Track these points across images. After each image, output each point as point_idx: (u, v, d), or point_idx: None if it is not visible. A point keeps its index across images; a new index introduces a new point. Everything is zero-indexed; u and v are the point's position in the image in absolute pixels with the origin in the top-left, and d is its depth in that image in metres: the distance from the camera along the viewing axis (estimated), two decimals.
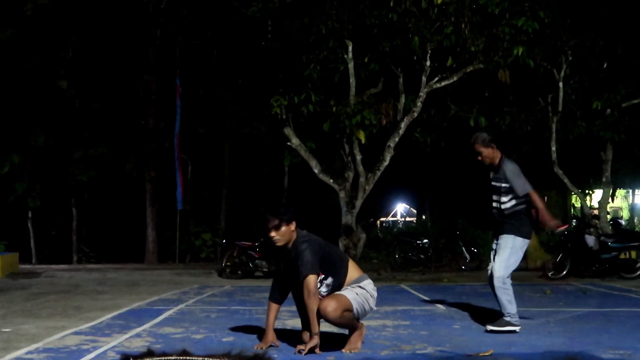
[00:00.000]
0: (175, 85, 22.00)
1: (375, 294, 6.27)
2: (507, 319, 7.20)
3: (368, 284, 6.24)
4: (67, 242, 24.22)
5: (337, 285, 6.14)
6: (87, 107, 23.78)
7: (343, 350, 6.03)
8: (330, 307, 5.88)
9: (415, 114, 16.69)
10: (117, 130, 23.71)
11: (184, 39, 23.03)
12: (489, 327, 7.16)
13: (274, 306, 6.41)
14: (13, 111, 22.36)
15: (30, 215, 23.58)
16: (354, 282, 6.18)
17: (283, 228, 6.03)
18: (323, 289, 6.13)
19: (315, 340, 5.90)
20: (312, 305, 5.91)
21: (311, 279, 5.92)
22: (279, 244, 6.07)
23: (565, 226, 11.05)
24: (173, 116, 21.98)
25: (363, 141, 16.26)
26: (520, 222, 7.39)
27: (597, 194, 22.03)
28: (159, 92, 23.12)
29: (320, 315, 5.92)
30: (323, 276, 6.10)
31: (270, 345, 6.22)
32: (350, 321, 6.10)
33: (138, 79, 23.45)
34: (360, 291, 6.15)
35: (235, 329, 7.43)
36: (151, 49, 23.10)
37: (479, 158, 7.43)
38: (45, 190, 23.11)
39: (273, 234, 6.04)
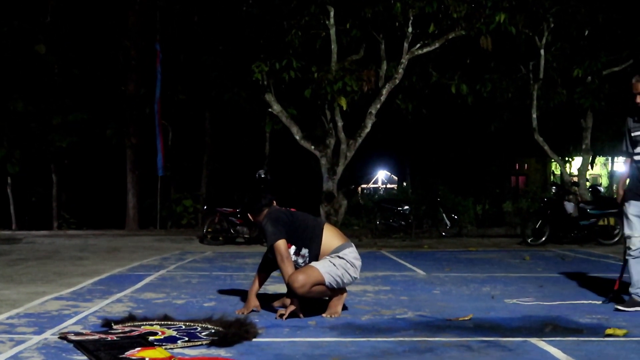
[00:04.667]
0: (155, 50, 21.80)
1: (358, 262, 6.19)
2: (638, 298, 6.53)
3: (349, 252, 6.15)
4: (48, 208, 24.12)
5: (314, 255, 6.12)
6: (66, 72, 23.54)
7: (324, 315, 6.07)
8: (298, 282, 5.86)
9: (397, 81, 16.67)
10: (97, 96, 23.51)
11: (164, 4, 22.78)
12: (619, 308, 6.45)
13: (261, 275, 6.49)
14: None
15: (9, 181, 23.44)
16: (333, 252, 6.10)
17: (254, 220, 6.32)
18: (300, 260, 6.12)
19: (295, 305, 5.93)
20: (287, 269, 5.94)
21: (279, 244, 5.97)
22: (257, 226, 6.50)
23: None
24: (153, 82, 21.81)
25: (344, 108, 16.23)
26: None
27: (577, 161, 22.17)
28: (139, 57, 22.90)
29: (289, 289, 5.96)
30: (295, 248, 6.10)
31: (252, 310, 6.24)
32: (322, 294, 6.09)
33: (118, 45, 23.22)
34: (339, 261, 6.06)
35: (217, 295, 7.45)
36: (131, 13, 22.83)
37: (638, 101, 6.47)
38: (25, 157, 22.95)
39: (250, 221, 6.49)
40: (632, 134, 6.60)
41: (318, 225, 6.26)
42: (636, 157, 6.59)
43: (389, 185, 43.65)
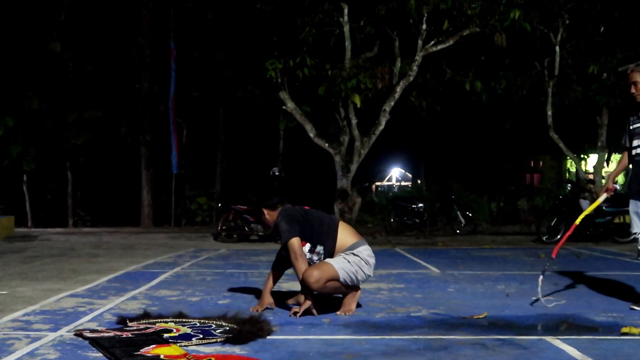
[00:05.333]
0: (169, 48, 21.86)
1: (372, 260, 6.21)
2: None
3: (364, 250, 6.17)
4: (63, 205, 24.24)
5: (329, 253, 6.13)
6: (81, 70, 23.65)
7: (338, 313, 6.07)
8: (312, 277, 5.86)
9: (411, 78, 16.63)
10: (112, 93, 23.61)
11: (177, 2, 22.84)
12: (635, 307, 6.29)
13: (275, 272, 6.48)
14: (6, 74, 22.22)
15: (25, 179, 23.57)
16: (348, 249, 6.12)
17: (267, 215, 6.24)
18: (314, 258, 6.13)
19: (309, 302, 5.93)
20: (300, 266, 5.94)
21: (292, 242, 5.97)
22: (268, 226, 6.34)
23: None
24: (167, 79, 21.87)
25: (358, 105, 16.21)
26: None
27: (593, 159, 22.04)
28: (153, 55, 22.98)
29: (303, 284, 5.97)
30: (310, 245, 6.11)
31: (267, 308, 6.25)
32: (336, 290, 6.09)
33: (132, 42, 23.29)
34: (353, 258, 6.08)
35: (231, 292, 7.46)
36: (145, 11, 22.90)
37: (632, 91, 6.24)
38: (40, 154, 23.08)
39: (262, 218, 6.35)
40: (631, 127, 6.45)
41: (333, 223, 6.27)
42: (634, 152, 6.44)
43: (403, 183, 43.59)
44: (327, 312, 6.05)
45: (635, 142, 6.40)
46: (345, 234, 6.21)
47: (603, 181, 18.68)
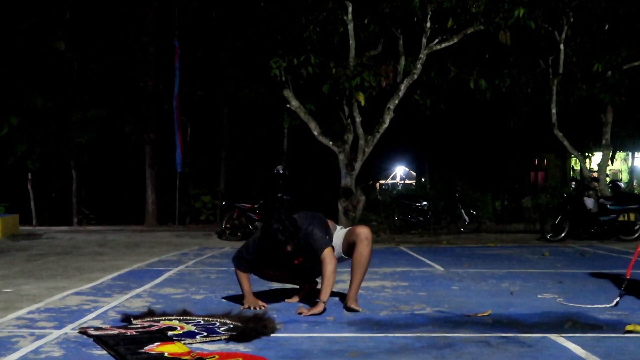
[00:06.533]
0: (173, 47, 21.88)
1: None
2: None
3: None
4: (67, 204, 24.29)
5: (330, 239, 6.31)
6: (85, 69, 23.69)
7: (345, 309, 6.09)
8: (366, 228, 6.24)
9: (415, 76, 16.61)
10: (116, 92, 23.64)
11: (182, 0, 22.85)
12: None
13: (246, 275, 6.44)
14: (11, 73, 22.27)
15: (30, 177, 23.62)
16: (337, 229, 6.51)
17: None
18: None
19: (321, 308, 5.90)
20: (332, 276, 5.98)
21: (330, 251, 6.05)
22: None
23: None
24: (172, 78, 21.90)
25: (363, 103, 16.20)
26: None
27: (597, 157, 22.01)
28: (157, 54, 23.00)
29: (360, 238, 6.12)
30: None
31: (262, 307, 6.22)
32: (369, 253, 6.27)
33: (136, 41, 23.32)
34: None
35: (235, 290, 7.44)
36: (149, 9, 22.93)
37: None
38: (45, 153, 23.12)
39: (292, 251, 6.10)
40: None
41: (322, 215, 6.51)
42: None
43: (407, 181, 43.56)
44: (331, 311, 6.05)
45: None
46: (330, 222, 6.53)
47: (607, 179, 18.66)
